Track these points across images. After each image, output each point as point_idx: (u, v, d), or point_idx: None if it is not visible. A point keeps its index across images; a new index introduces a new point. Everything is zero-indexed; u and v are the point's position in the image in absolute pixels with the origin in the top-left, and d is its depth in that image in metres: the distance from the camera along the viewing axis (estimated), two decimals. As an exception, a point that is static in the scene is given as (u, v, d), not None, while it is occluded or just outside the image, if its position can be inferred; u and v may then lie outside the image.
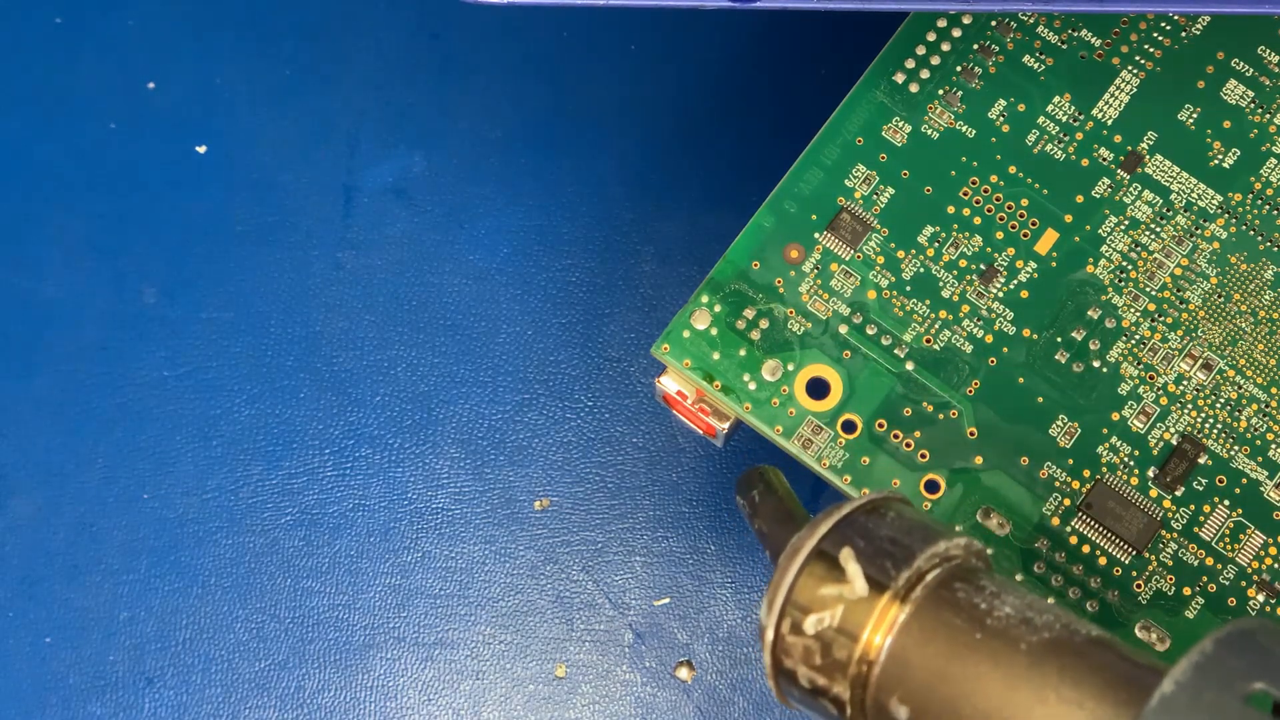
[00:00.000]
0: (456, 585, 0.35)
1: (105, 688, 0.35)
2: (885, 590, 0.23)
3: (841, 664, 0.23)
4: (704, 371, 0.30)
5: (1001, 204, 0.31)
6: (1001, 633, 0.22)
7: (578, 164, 0.37)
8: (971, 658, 0.22)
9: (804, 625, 0.23)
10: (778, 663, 0.24)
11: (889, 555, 0.23)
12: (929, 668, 0.22)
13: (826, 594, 0.23)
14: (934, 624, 0.23)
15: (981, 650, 0.22)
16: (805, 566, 0.23)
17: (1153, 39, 0.32)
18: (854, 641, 0.23)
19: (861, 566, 0.23)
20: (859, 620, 0.23)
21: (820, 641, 0.23)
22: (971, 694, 0.22)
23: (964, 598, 0.23)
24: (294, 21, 0.38)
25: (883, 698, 0.23)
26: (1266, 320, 0.30)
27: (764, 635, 0.24)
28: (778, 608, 0.23)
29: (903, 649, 0.23)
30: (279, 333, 0.37)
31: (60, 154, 0.38)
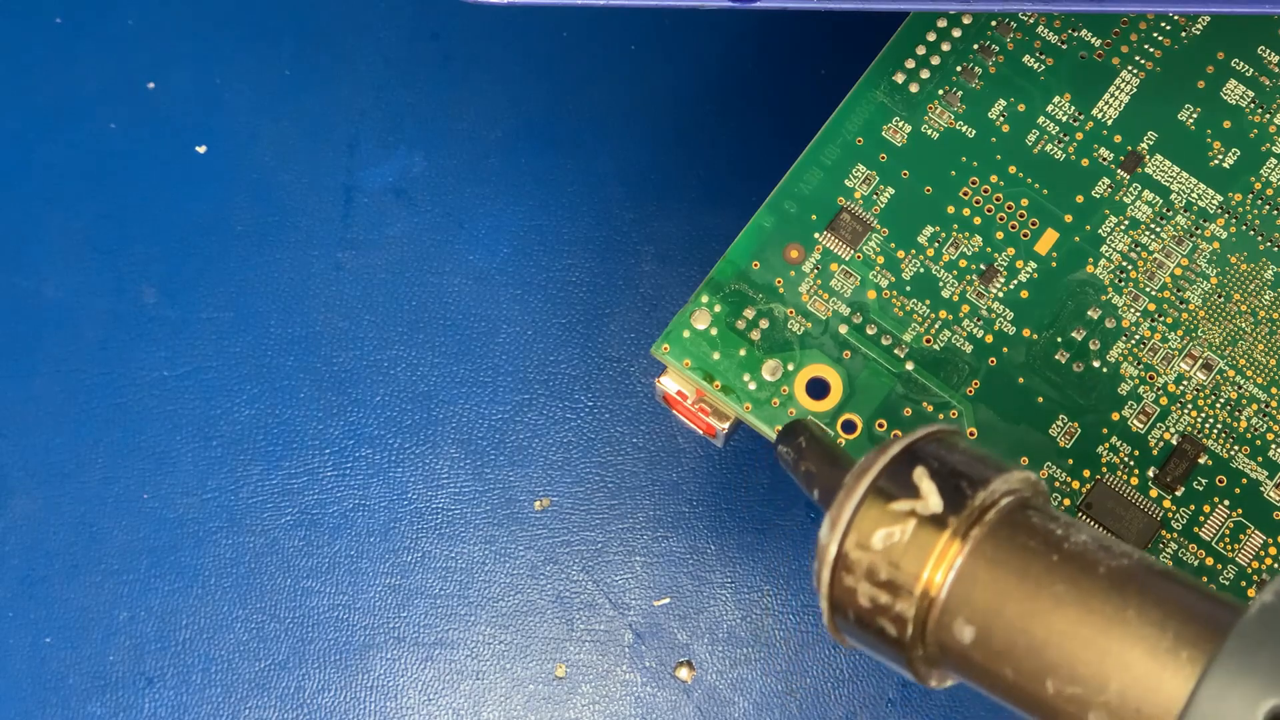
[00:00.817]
0: (456, 585, 0.35)
1: (105, 688, 0.35)
2: (960, 509, 0.22)
3: (909, 579, 0.22)
4: (704, 371, 0.30)
5: (1001, 204, 0.31)
6: (1078, 556, 0.22)
7: (578, 164, 0.37)
8: (1046, 578, 0.21)
9: (871, 540, 0.22)
10: (836, 581, 0.23)
11: (963, 477, 0.23)
12: (1000, 586, 0.22)
13: (898, 509, 0.22)
14: (1008, 545, 0.22)
15: (1057, 571, 0.21)
16: (876, 483, 0.23)
17: (1153, 39, 0.32)
18: (924, 557, 0.22)
19: (935, 485, 0.22)
20: (931, 536, 0.22)
21: (888, 556, 0.22)
22: (1044, 613, 0.21)
23: (1038, 523, 0.22)
24: (294, 21, 0.38)
25: (947, 618, 0.22)
26: (1266, 320, 0.30)
27: (824, 552, 0.23)
28: (844, 522, 0.23)
29: (974, 567, 0.22)
30: (279, 333, 0.37)
31: (60, 154, 0.38)
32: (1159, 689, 0.20)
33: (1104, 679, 0.20)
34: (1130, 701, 0.20)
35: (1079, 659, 0.21)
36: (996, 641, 0.21)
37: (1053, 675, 0.21)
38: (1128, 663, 0.20)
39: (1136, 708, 0.20)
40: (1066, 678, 0.21)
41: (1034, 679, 0.21)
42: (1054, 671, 0.21)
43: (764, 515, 0.35)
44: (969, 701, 0.34)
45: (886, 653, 0.23)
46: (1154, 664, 0.20)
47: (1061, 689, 0.21)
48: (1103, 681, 0.20)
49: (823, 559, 0.23)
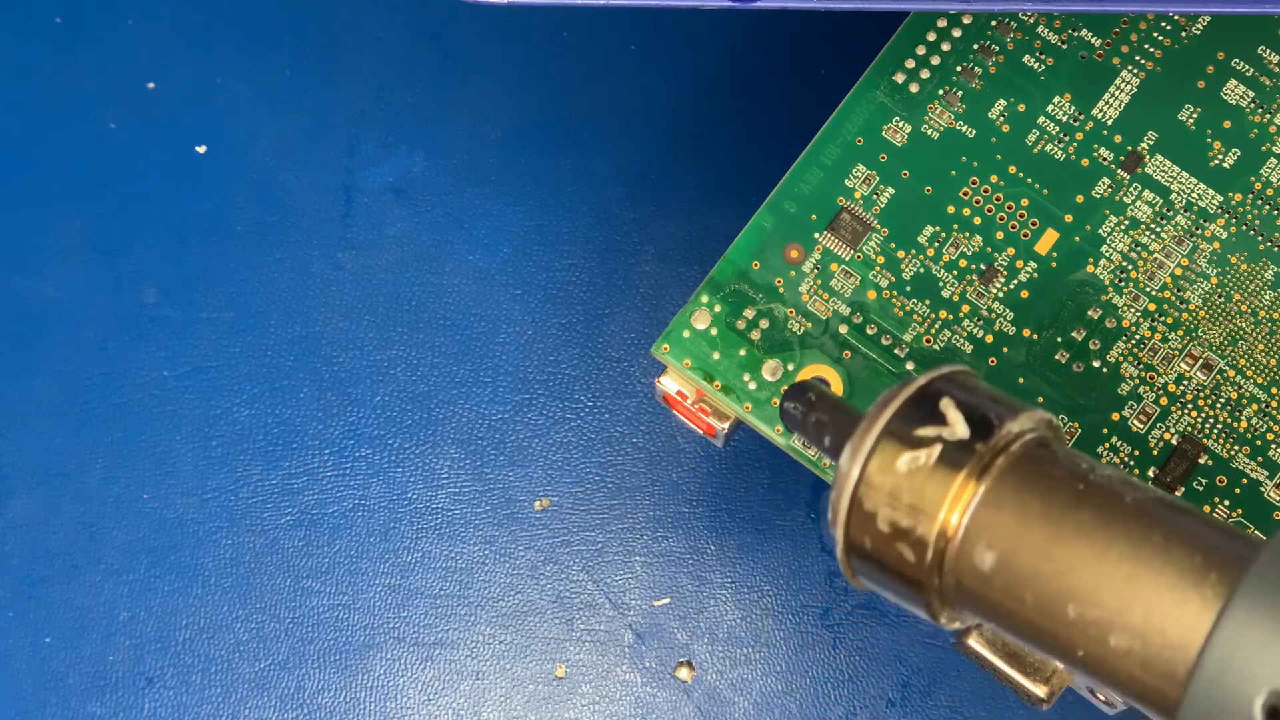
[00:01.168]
0: (456, 585, 0.35)
1: (105, 688, 0.35)
2: (987, 437, 0.22)
3: (931, 504, 0.22)
4: (704, 371, 0.30)
5: (1001, 204, 0.31)
6: (1104, 486, 0.21)
7: (578, 164, 0.37)
8: (1072, 505, 0.21)
9: (896, 464, 0.22)
10: (855, 506, 0.22)
11: (989, 409, 0.22)
12: (1024, 513, 0.21)
13: (924, 434, 0.22)
14: (1034, 474, 0.22)
15: (1083, 499, 0.21)
16: (902, 410, 0.22)
17: (1153, 39, 0.32)
18: (949, 482, 0.22)
19: (962, 414, 0.22)
20: (957, 462, 0.22)
21: (911, 480, 0.22)
22: (1069, 538, 0.21)
23: (1063, 457, 0.22)
24: (294, 21, 0.38)
25: (968, 544, 0.21)
26: (1267, 320, 0.30)
27: (845, 478, 0.22)
28: (868, 447, 0.22)
29: (999, 494, 0.22)
30: (279, 333, 0.37)
31: (60, 154, 0.38)
32: (1184, 612, 0.20)
33: (1128, 602, 0.20)
34: (1154, 624, 0.20)
35: (1103, 583, 0.20)
36: (1018, 567, 0.21)
37: (1074, 600, 0.21)
38: (1154, 588, 0.20)
39: (1161, 629, 0.20)
40: (1089, 602, 0.20)
41: (1055, 604, 0.21)
42: (1076, 596, 0.21)
43: (764, 515, 0.35)
44: (969, 702, 0.34)
45: (901, 584, 0.22)
46: (1180, 589, 0.20)
47: (1084, 613, 0.20)
48: (1127, 605, 0.20)
49: (843, 484, 0.22)
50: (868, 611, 0.35)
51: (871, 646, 0.35)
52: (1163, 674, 0.20)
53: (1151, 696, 0.20)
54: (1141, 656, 0.20)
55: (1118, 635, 0.20)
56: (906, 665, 0.35)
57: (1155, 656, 0.20)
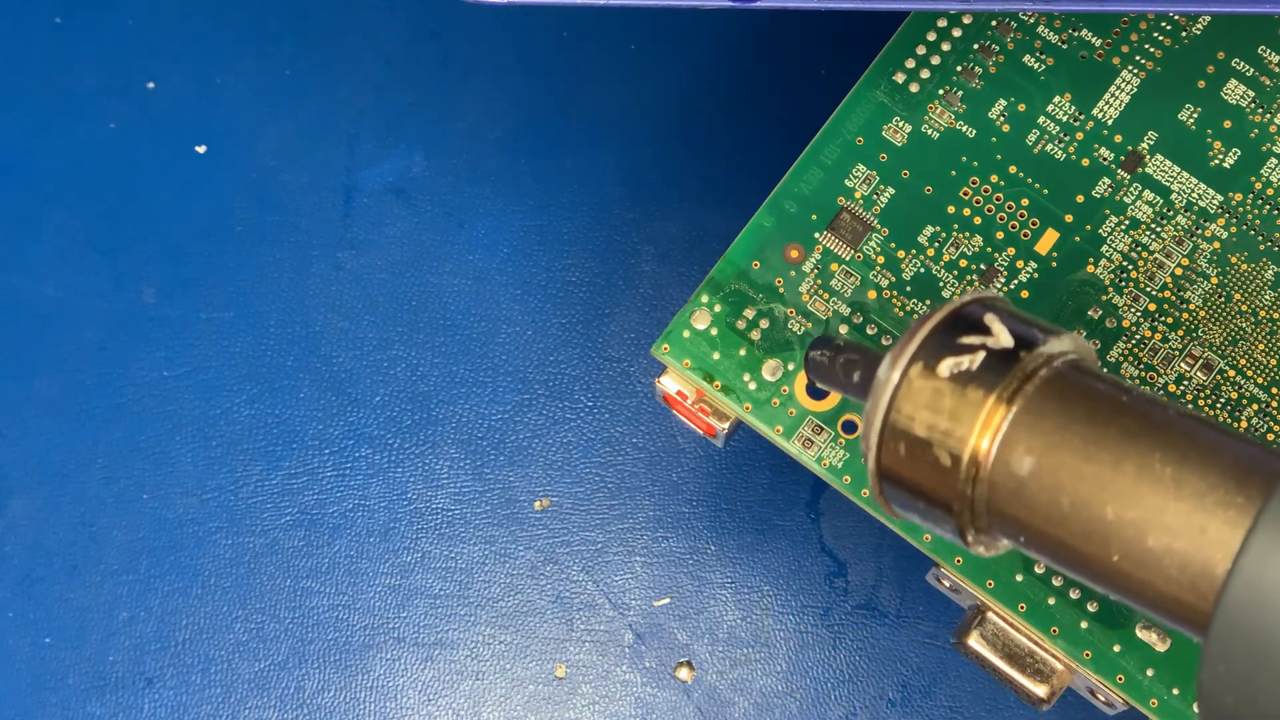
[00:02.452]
0: (456, 585, 0.35)
1: (105, 688, 0.35)
2: (1032, 349, 0.22)
3: (971, 407, 0.21)
4: (704, 371, 0.30)
5: (1002, 204, 0.31)
6: (1147, 399, 0.21)
7: (578, 164, 0.37)
8: (1115, 413, 0.21)
9: (939, 368, 0.22)
10: (894, 408, 0.22)
11: (1033, 325, 0.22)
12: (1067, 418, 0.21)
13: (968, 342, 0.22)
14: (1078, 384, 0.21)
15: (1126, 408, 0.21)
16: (945, 319, 0.22)
17: (1153, 39, 0.32)
18: (992, 387, 0.21)
19: (1007, 327, 0.22)
20: (1000, 368, 0.22)
21: (953, 383, 0.22)
22: (1112, 442, 0.21)
23: (1105, 374, 0.22)
24: (294, 21, 0.38)
25: (1006, 449, 0.21)
26: (1267, 320, 0.30)
27: (884, 383, 0.22)
28: (911, 350, 0.22)
29: (1041, 402, 0.21)
30: (279, 333, 0.37)
31: (60, 154, 0.38)
32: (1227, 510, 0.19)
33: (1170, 502, 0.20)
34: (1196, 522, 0.20)
35: (1146, 484, 0.20)
36: (1056, 471, 0.21)
37: (1115, 501, 0.20)
38: (1197, 488, 0.20)
39: (1202, 527, 0.19)
40: (1129, 503, 0.20)
41: (1093, 505, 0.20)
42: (1116, 497, 0.20)
43: (764, 515, 0.35)
44: (969, 702, 0.34)
45: (933, 495, 0.22)
46: (1224, 489, 0.20)
47: (1123, 513, 0.20)
48: (1168, 504, 0.20)
49: (881, 390, 0.22)
50: (868, 612, 0.35)
51: (872, 646, 0.35)
52: (1201, 571, 0.19)
53: (1187, 599, 0.20)
54: (1181, 556, 0.19)
55: (1157, 534, 0.20)
56: (906, 665, 0.35)
57: (1195, 554, 0.19)
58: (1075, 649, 0.29)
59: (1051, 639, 0.29)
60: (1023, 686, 0.29)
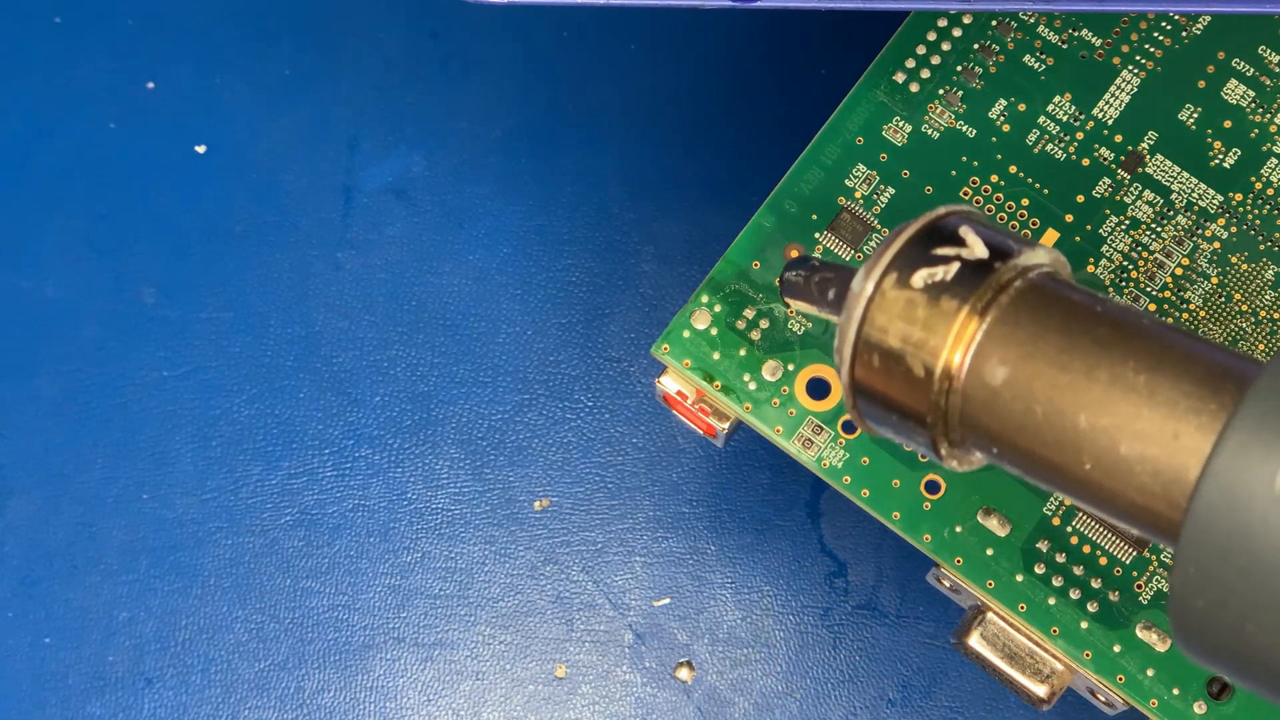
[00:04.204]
0: (456, 585, 0.35)
1: (105, 688, 0.35)
2: (1006, 259, 0.22)
3: (945, 317, 0.21)
4: (704, 371, 0.30)
5: (1002, 204, 0.31)
6: (1121, 309, 0.21)
7: (578, 164, 0.37)
8: (1089, 322, 0.21)
9: (913, 279, 0.22)
10: (868, 320, 0.22)
11: (1007, 238, 0.22)
12: (1041, 327, 0.21)
13: (943, 253, 0.22)
14: (1052, 294, 0.21)
15: (1101, 317, 0.21)
16: (920, 231, 0.22)
17: (1153, 39, 0.32)
18: (966, 295, 0.21)
19: (981, 239, 0.22)
20: (974, 279, 0.21)
21: (928, 293, 0.22)
22: (1085, 350, 0.20)
23: (1079, 286, 0.22)
24: (294, 21, 0.38)
25: (980, 360, 0.21)
26: (1267, 320, 0.30)
27: (858, 295, 0.22)
28: (884, 264, 0.22)
29: (1015, 313, 0.21)
30: (279, 333, 0.37)
31: (60, 154, 0.38)
32: (1200, 416, 0.19)
33: (1142, 409, 0.20)
34: (1169, 428, 0.19)
35: (1119, 392, 0.20)
36: (1030, 380, 0.21)
37: (1088, 409, 0.20)
38: (1170, 395, 0.20)
39: (1175, 432, 0.19)
40: (1102, 410, 0.20)
41: (1066, 414, 0.20)
42: (1089, 405, 0.20)
43: (764, 515, 0.35)
44: (969, 702, 0.34)
45: (906, 408, 0.22)
46: (1198, 396, 0.19)
47: (1096, 420, 0.20)
48: (1140, 411, 0.20)
49: (855, 301, 0.22)
50: (868, 612, 0.35)
51: (872, 647, 0.35)
52: (1173, 478, 0.19)
53: (1159, 507, 0.19)
54: (1153, 463, 0.19)
55: (1129, 442, 0.20)
56: (907, 665, 0.35)
57: (1168, 461, 0.19)
58: (1075, 649, 0.29)
59: (1052, 639, 0.29)
60: (1023, 686, 0.29)
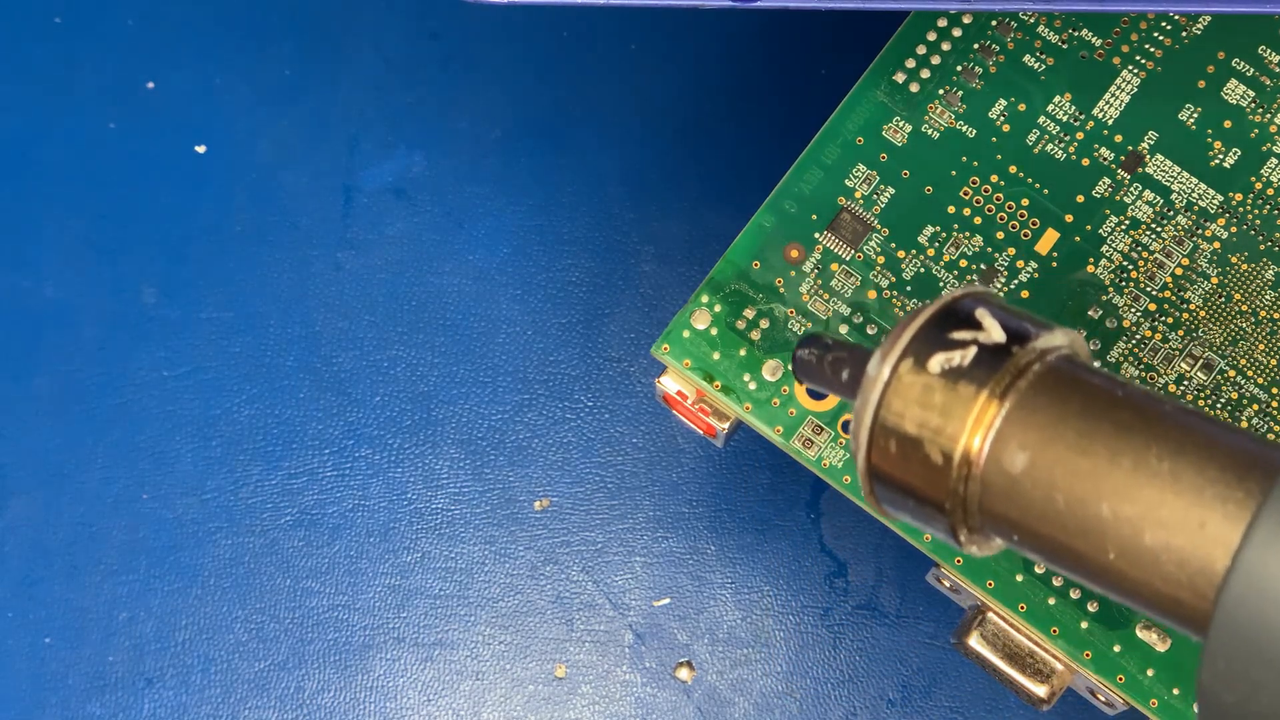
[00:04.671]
0: (456, 585, 0.35)
1: (105, 688, 0.35)
2: (1024, 343, 0.21)
3: (964, 403, 0.21)
4: (704, 371, 0.30)
5: (1002, 204, 0.31)
6: (1142, 394, 0.21)
7: (578, 164, 0.37)
8: (1110, 407, 0.20)
9: (929, 364, 0.21)
10: (885, 405, 0.22)
11: (1025, 320, 0.22)
12: (1061, 412, 0.21)
13: (960, 337, 0.22)
14: (1071, 379, 0.21)
15: (1121, 403, 0.20)
16: (935, 317, 0.22)
17: (1153, 39, 0.32)
18: (984, 380, 0.21)
19: (998, 321, 0.22)
20: (992, 364, 0.21)
21: (945, 379, 0.21)
22: (1107, 436, 0.20)
23: (1099, 370, 0.21)
24: (294, 21, 0.38)
25: (999, 446, 0.21)
26: (1267, 320, 0.30)
27: (874, 380, 0.22)
28: (900, 346, 0.22)
29: (1034, 397, 0.21)
30: (279, 333, 0.37)
31: (60, 154, 0.38)
32: (1226, 505, 0.19)
33: (1167, 496, 0.19)
34: (1194, 517, 0.19)
35: (1142, 479, 0.20)
36: (1051, 467, 0.20)
37: (1110, 497, 0.20)
38: (1195, 483, 0.19)
39: (1201, 522, 0.19)
40: (1125, 498, 0.20)
41: (1088, 502, 0.20)
42: (1112, 493, 0.20)
43: (764, 515, 0.35)
44: (969, 702, 0.34)
45: (924, 494, 0.22)
46: (1223, 483, 0.19)
47: (1119, 509, 0.20)
48: (1165, 499, 0.19)
49: (871, 386, 0.22)
50: (868, 612, 0.35)
51: (872, 647, 0.35)
52: (1200, 568, 0.19)
53: (1186, 597, 0.19)
54: (1179, 553, 0.19)
55: (1154, 531, 0.19)
56: (907, 665, 0.35)
57: (1194, 551, 0.19)
58: (1075, 649, 0.29)
59: (1051, 639, 0.29)
60: (1023, 686, 0.29)
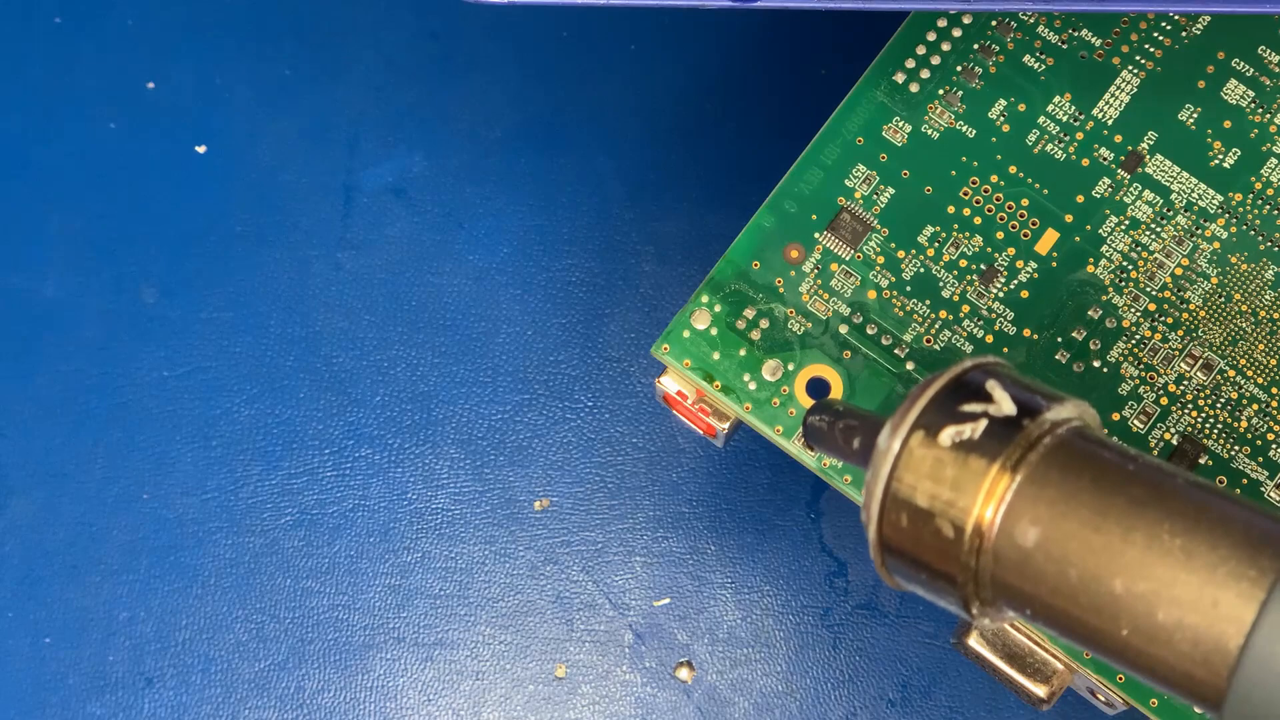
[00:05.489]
0: (456, 585, 0.35)
1: (105, 688, 0.35)
2: (1035, 416, 0.21)
3: (974, 476, 0.21)
4: (704, 371, 0.30)
5: (1002, 204, 0.31)
6: (1155, 468, 0.21)
7: (578, 164, 0.37)
8: (1121, 482, 0.20)
9: (939, 437, 0.21)
10: (895, 477, 0.22)
11: (1036, 393, 0.22)
12: (1072, 487, 0.21)
13: (970, 410, 0.22)
14: (1082, 453, 0.21)
15: (1133, 477, 0.20)
16: (946, 386, 0.22)
17: (1153, 39, 0.32)
18: (995, 456, 0.21)
19: (1009, 394, 0.22)
20: (1003, 437, 0.21)
21: (955, 453, 0.21)
22: (1119, 511, 0.20)
23: (1110, 442, 0.21)
24: (294, 21, 0.38)
25: (1010, 521, 0.21)
26: (1267, 320, 0.30)
27: (885, 453, 0.22)
28: (911, 419, 0.22)
29: (1045, 471, 0.21)
30: (279, 333, 0.37)
31: (60, 154, 0.38)
32: (1240, 583, 0.19)
33: (1180, 575, 0.19)
34: (1208, 596, 0.19)
35: (1155, 556, 0.20)
36: (1063, 542, 0.20)
37: (1123, 574, 0.20)
38: (1208, 561, 0.19)
39: (1214, 600, 0.19)
40: (1139, 575, 0.20)
41: (1101, 579, 0.20)
42: (1125, 570, 0.20)
43: (764, 515, 0.35)
44: (969, 702, 0.34)
45: (936, 568, 0.22)
46: (1235, 561, 0.19)
47: (1132, 586, 0.20)
48: (1178, 578, 0.19)
49: (881, 459, 0.22)
50: (868, 612, 0.35)
51: (872, 647, 0.35)
52: (1214, 647, 0.19)
53: (1199, 675, 0.19)
54: (1193, 630, 0.19)
55: (1167, 609, 0.19)
56: (907, 665, 0.35)
57: (1208, 630, 0.19)
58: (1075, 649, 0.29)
59: (1051, 639, 0.29)
60: (1023, 686, 0.29)
